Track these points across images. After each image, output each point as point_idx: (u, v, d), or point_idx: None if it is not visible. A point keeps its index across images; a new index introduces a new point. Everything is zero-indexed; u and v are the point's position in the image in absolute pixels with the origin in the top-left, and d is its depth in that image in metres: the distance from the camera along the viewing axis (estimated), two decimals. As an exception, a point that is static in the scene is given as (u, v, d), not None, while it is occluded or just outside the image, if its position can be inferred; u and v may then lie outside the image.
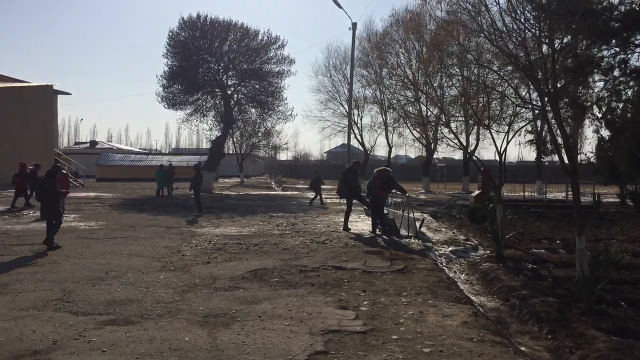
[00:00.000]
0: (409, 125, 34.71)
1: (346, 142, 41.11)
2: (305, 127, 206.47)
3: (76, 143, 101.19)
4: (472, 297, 8.39)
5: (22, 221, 16.37)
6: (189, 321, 6.29)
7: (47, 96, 39.08)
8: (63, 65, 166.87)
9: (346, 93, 40.82)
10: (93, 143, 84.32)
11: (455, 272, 10.55)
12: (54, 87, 41.07)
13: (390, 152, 41.01)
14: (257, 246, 12.07)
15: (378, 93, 38.18)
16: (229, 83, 38.89)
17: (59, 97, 46.32)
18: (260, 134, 52.08)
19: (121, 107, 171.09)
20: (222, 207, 22.75)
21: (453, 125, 20.88)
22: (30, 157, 30.98)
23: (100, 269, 9.16)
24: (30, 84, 37.95)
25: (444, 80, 24.51)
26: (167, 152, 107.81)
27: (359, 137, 41.79)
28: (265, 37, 38.03)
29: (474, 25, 10.17)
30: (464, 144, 26.47)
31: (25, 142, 33.75)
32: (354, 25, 36.08)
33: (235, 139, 53.59)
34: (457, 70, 16.45)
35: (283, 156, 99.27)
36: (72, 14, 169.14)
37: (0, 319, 6.20)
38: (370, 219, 14.88)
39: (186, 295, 7.52)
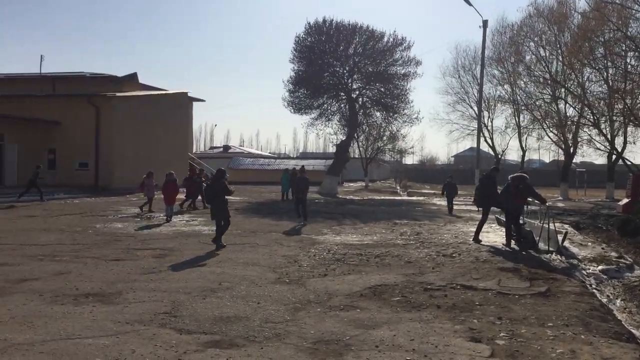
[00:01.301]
0: (545, 127, 32.20)
1: (475, 145, 39.08)
2: (431, 131, 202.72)
3: (211, 148, 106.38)
4: (634, 332, 6.96)
5: (151, 224, 16.83)
6: (297, 348, 5.61)
7: (182, 103, 41.02)
8: (198, 73, 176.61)
9: (476, 94, 38.91)
10: (226, 148, 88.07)
11: (608, 297, 9.04)
12: (189, 95, 43.05)
13: (523, 156, 38.45)
14: (379, 258, 11.24)
15: (511, 92, 35.90)
16: (354, 86, 38.49)
17: (195, 104, 48.64)
18: (385, 138, 51.26)
19: (253, 113, 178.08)
20: (345, 213, 22.20)
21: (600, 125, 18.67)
22: (168, 161, 32.56)
23: (214, 279, 8.81)
24: (168, 92, 40.01)
25: (591, 74, 22.12)
26: (294, 156, 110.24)
27: (489, 140, 39.63)
28: (391, 39, 37.21)
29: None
30: (611, 145, 23.84)
31: (163, 146, 35.56)
32: (485, 22, 34.19)
33: (360, 143, 53.16)
34: (608, 61, 14.52)
35: (409, 160, 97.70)
36: (206, 26, 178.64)
37: (104, 333, 5.89)
38: (504, 230, 13.49)
39: (298, 314, 6.88)
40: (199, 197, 21.13)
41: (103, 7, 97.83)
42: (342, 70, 37.91)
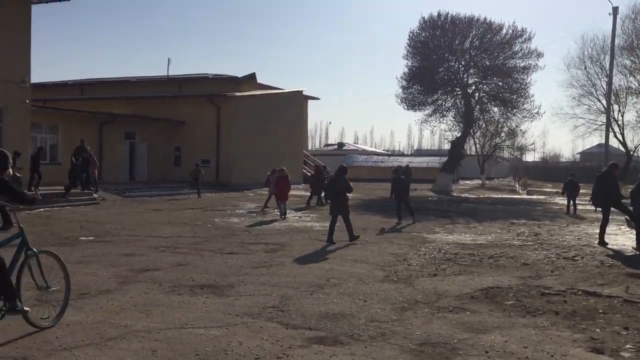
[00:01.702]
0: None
1: (603, 141, 36.47)
2: (554, 126, 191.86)
3: (325, 145, 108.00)
4: None
5: (266, 220, 17.33)
6: (401, 349, 5.48)
7: (298, 101, 41.94)
8: (313, 72, 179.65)
9: (604, 86, 36.25)
10: (340, 145, 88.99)
11: None
12: (304, 93, 43.94)
13: (660, 152, 35.31)
14: (492, 258, 10.79)
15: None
16: (470, 81, 37.37)
17: (310, 102, 49.61)
18: (503, 134, 49.21)
19: (367, 110, 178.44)
20: (459, 212, 21.59)
21: None
22: (284, 158, 33.47)
23: (322, 275, 8.88)
24: (284, 91, 41.08)
25: None
26: (409, 153, 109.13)
27: (619, 136, 36.81)
28: (510, 31, 35.71)
29: None
30: None
31: (279, 143, 36.58)
32: (615, 9, 31.76)
33: (476, 140, 51.49)
34: None
35: (529, 157, 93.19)
36: (321, 24, 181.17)
37: (215, 324, 6.11)
38: (635, 233, 12.42)
39: (404, 314, 6.74)
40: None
41: (223, 12, 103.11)
42: (457, 64, 36.93)
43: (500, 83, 36.89)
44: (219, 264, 9.73)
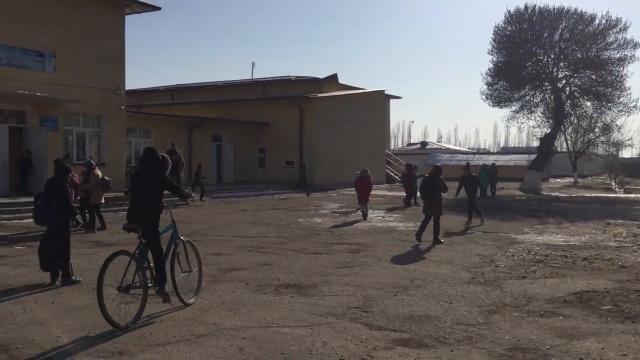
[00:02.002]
0: None
1: None
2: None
3: (408, 144, 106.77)
4: None
5: (349, 220, 17.36)
6: (489, 353, 5.32)
7: (380, 101, 41.74)
8: (394, 71, 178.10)
9: None
10: (423, 144, 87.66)
11: None
12: (386, 92, 43.67)
13: None
14: (586, 261, 10.27)
15: None
16: (560, 75, 35.76)
17: (391, 101, 49.26)
18: (597, 130, 46.68)
19: (450, 108, 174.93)
20: (549, 211, 20.72)
21: None
22: (366, 158, 33.43)
23: (406, 276, 8.78)
24: (365, 91, 41.01)
25: None
26: (495, 151, 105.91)
27: None
28: (604, 21, 33.84)
29: None
30: None
31: (361, 143, 36.56)
32: None
33: (567, 136, 49.16)
34: None
35: (626, 153, 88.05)
36: (401, 23, 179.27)
37: (299, 324, 6.19)
38: None
39: (492, 318, 6.54)
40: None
41: (305, 16, 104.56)
42: (546, 58, 35.45)
43: (593, 76, 35.05)
44: (303, 264, 9.85)
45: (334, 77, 41.12)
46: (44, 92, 19.32)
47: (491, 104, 37.15)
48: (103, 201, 14.32)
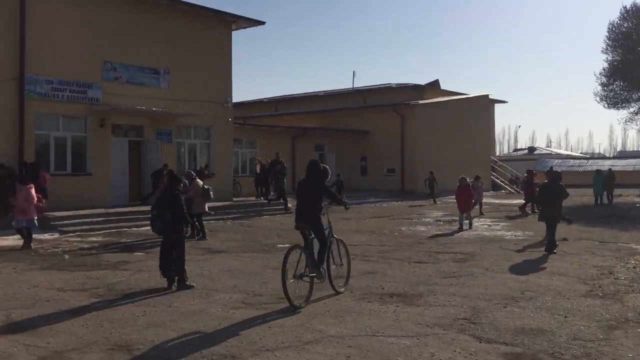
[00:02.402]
0: None
1: None
2: None
3: (515, 150, 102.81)
4: None
5: (453, 228, 16.98)
6: (611, 372, 4.99)
7: (484, 106, 40.58)
8: (498, 74, 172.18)
9: None
10: (531, 149, 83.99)
11: None
12: (490, 97, 42.39)
13: None
14: None
15: None
16: (684, 72, 33.05)
17: (496, 105, 47.72)
18: None
19: (560, 111, 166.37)
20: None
21: None
22: (470, 165, 32.59)
23: (517, 287, 8.44)
24: (468, 96, 40.03)
25: None
26: (611, 155, 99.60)
27: None
28: None
29: None
30: None
31: (465, 150, 35.70)
32: None
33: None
34: None
35: None
36: (501, 27, 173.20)
37: (405, 334, 6.12)
38: None
39: (613, 333, 6.13)
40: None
41: (403, 21, 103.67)
42: (668, 55, 32.94)
43: None
44: (407, 273, 9.75)
45: (435, 83, 40.49)
46: (159, 107, 20.54)
47: (606, 105, 35.07)
48: (207, 209, 14.50)
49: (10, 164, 16.40)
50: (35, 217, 12.85)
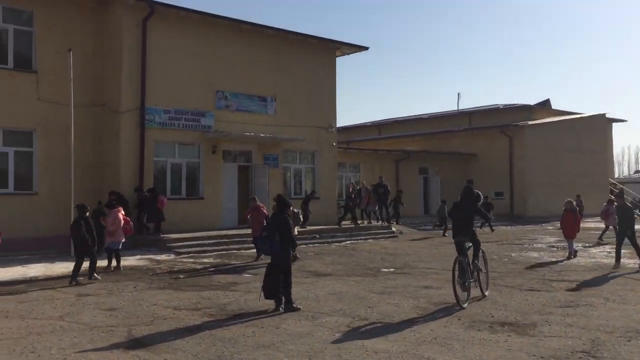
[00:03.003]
0: None
1: None
2: None
3: (636, 171, 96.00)
4: None
5: (567, 255, 16.07)
6: None
7: (600, 125, 38.38)
8: (617, 91, 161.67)
9: None
10: (654, 170, 78.06)
11: None
12: (607, 116, 40.03)
13: None
14: None
15: None
16: None
17: (614, 125, 44.92)
18: None
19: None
20: None
21: None
22: (584, 187, 30.86)
23: (641, 320, 7.84)
24: (582, 115, 38.04)
25: None
26: None
27: None
28: None
29: None
30: None
31: (579, 172, 33.85)
32: None
33: None
34: None
35: None
36: (614, 36, 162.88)
37: (517, 364, 5.86)
38: None
39: None
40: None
41: (509, 39, 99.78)
42: None
43: None
44: (519, 301, 9.34)
45: (546, 103, 38.90)
46: (267, 133, 21.25)
47: None
48: (296, 233, 14.35)
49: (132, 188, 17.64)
50: (122, 240, 13.49)
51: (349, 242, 19.98)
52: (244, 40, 21.04)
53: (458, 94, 57.69)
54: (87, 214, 12.45)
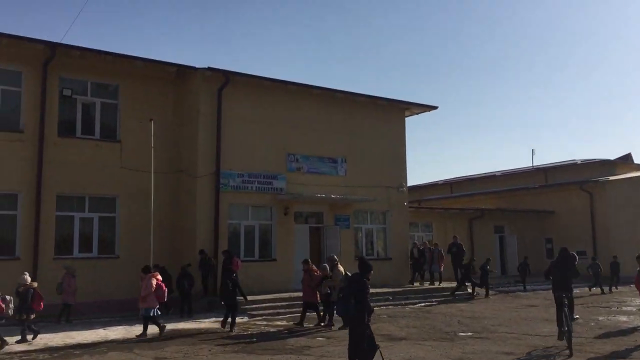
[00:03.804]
0: None
1: None
2: None
3: None
4: None
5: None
6: None
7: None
8: None
9: None
10: None
11: None
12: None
13: None
14: None
15: None
16: None
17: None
18: None
19: None
20: None
21: None
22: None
23: None
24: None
25: None
26: None
27: None
28: None
29: None
30: None
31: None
32: None
33: None
34: None
35: None
36: None
37: None
38: None
39: None
40: None
41: (585, 93, 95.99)
42: None
43: None
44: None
45: (628, 157, 37.31)
46: (338, 194, 21.39)
47: None
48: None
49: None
50: (155, 306, 12.93)
51: (422, 304, 19.45)
52: (314, 103, 21.58)
53: (532, 150, 56.06)
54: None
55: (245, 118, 19.84)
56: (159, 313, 13.20)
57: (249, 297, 17.19)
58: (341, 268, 14.37)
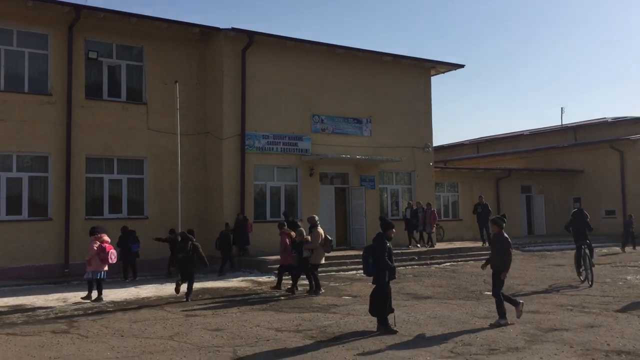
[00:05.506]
0: None
1: None
2: None
3: None
4: None
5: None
6: None
7: None
8: None
9: None
10: None
11: None
12: None
13: None
14: None
15: None
16: None
17: None
18: None
19: None
20: None
21: None
22: None
23: None
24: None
25: None
26: None
27: None
28: None
29: None
30: None
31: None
32: None
33: None
34: None
35: None
36: None
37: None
38: None
39: None
40: None
41: (616, 53, 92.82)
42: None
43: None
44: (637, 329, 8.70)
45: (660, 114, 36.24)
46: (363, 154, 21.35)
47: None
48: (323, 261, 13.64)
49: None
50: (102, 270, 12.36)
51: (448, 263, 19.51)
52: (338, 63, 21.36)
53: (561, 108, 55.04)
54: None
55: (269, 79, 19.77)
56: (104, 277, 12.56)
57: (276, 257, 17.49)
58: (321, 230, 13.42)
